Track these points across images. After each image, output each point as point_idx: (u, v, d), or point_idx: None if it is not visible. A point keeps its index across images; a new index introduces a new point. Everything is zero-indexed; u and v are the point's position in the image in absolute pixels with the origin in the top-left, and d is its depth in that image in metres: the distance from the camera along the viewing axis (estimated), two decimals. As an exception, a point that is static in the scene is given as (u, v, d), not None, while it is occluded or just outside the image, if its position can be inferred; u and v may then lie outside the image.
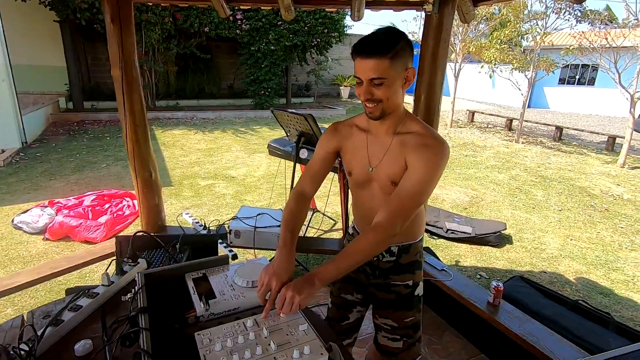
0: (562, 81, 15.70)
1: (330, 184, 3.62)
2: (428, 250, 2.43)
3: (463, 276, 2.08)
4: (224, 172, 5.20)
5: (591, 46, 7.34)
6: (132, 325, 0.88)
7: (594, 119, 13.09)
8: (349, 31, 11.29)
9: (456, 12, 2.01)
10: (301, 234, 3.12)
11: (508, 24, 8.24)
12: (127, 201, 3.78)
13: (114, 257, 2.32)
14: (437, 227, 3.60)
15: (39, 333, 0.87)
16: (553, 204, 4.52)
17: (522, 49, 8.90)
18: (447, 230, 3.54)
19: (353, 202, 1.35)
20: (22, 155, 5.45)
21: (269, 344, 0.82)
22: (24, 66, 7.82)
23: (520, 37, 9.16)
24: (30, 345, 0.82)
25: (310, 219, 3.34)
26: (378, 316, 1.34)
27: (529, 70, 8.20)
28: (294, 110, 2.49)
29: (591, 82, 15.01)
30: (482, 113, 11.74)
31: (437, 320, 2.28)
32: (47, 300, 2.36)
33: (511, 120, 9.80)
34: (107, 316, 1.03)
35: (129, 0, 1.97)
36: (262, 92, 10.28)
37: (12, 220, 3.35)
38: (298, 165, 2.71)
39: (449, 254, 3.23)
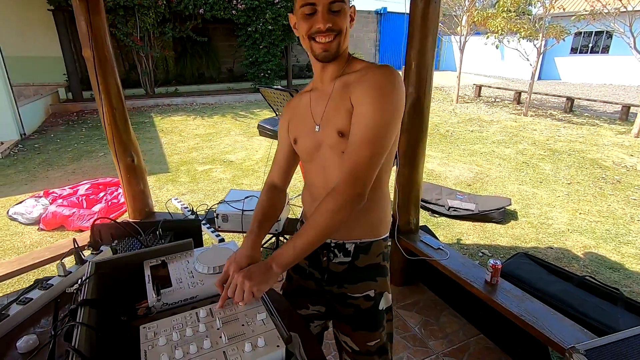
0: (574, 50, 15.05)
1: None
2: (425, 228, 2.33)
3: (460, 255, 1.98)
4: (222, 156, 5.12)
5: (605, 10, 6.92)
6: (73, 318, 0.80)
7: (608, 88, 12.58)
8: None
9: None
10: (296, 214, 3.04)
11: (515, -10, 7.80)
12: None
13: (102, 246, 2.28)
14: (439, 205, 3.48)
15: (-23, 329, 0.80)
16: (562, 178, 4.34)
17: (530, 17, 8.46)
18: (449, 207, 3.42)
19: (304, 187, 1.13)
20: (20, 147, 5.44)
21: (220, 337, 0.73)
22: (21, 58, 7.75)
23: (528, 5, 8.70)
24: (-36, 343, 0.75)
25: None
26: (339, 332, 1.11)
27: (537, 39, 7.82)
28: (279, 87, 2.36)
29: (605, 50, 14.35)
30: (489, 87, 11.36)
31: (435, 300, 2.20)
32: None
33: (519, 93, 9.45)
34: (61, 309, 0.96)
35: (94, -28, 1.84)
36: (262, 74, 10.07)
37: (8, 212, 3.34)
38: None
39: (451, 232, 3.12)
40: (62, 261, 1.06)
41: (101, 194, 3.61)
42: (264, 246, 2.65)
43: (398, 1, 14.74)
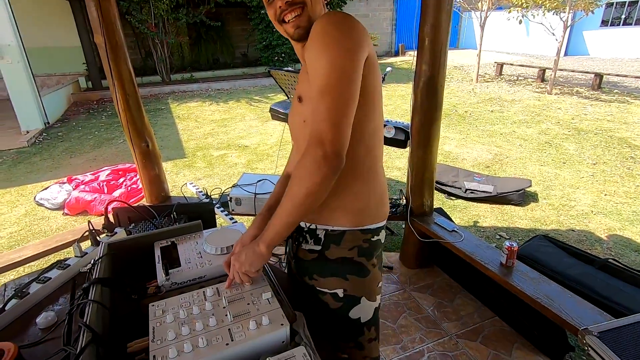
0: (605, 23, 14.15)
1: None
2: (440, 211, 2.29)
3: (475, 237, 1.94)
4: (237, 141, 5.15)
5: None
6: (86, 296, 0.83)
7: (641, 63, 11.82)
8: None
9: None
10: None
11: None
12: (141, 174, 3.82)
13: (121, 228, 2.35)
14: (455, 188, 3.41)
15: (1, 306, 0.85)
16: (587, 158, 4.16)
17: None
18: (466, 190, 3.35)
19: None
20: (44, 135, 5.63)
21: (226, 315, 0.74)
22: (41, 49, 7.93)
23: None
24: (-12, 318, 0.80)
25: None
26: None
27: (564, 12, 7.38)
28: (290, 69, 2.32)
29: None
30: (512, 65, 10.88)
31: (449, 283, 2.17)
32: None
33: (544, 71, 9.01)
34: (77, 288, 1.00)
35: (102, -43, 1.83)
36: (276, 57, 9.98)
37: (35, 197, 3.49)
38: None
39: (467, 214, 3.06)
40: (79, 243, 1.09)
41: (121, 180, 3.71)
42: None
43: (415, -23, 14.19)
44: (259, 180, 2.29)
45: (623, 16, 13.82)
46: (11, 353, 0.76)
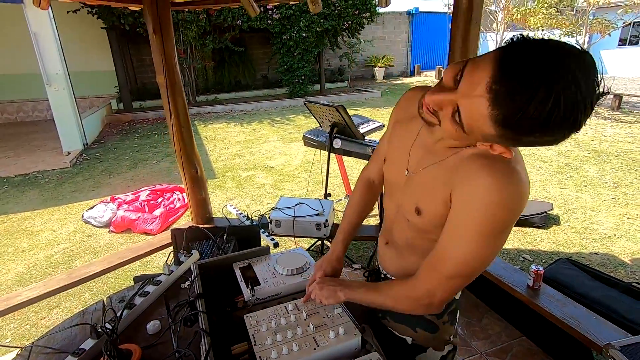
0: (623, 42, 14.16)
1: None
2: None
3: (502, 260, 2.07)
4: (263, 162, 5.40)
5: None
6: (192, 308, 1.02)
7: (661, 82, 11.74)
8: (380, 10, 10.95)
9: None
10: (338, 221, 3.22)
11: (556, -15, 7.57)
12: (177, 195, 4.09)
13: (170, 247, 2.58)
14: (478, 210, 3.53)
15: (118, 315, 1.05)
16: (608, 180, 4.22)
17: (573, 10, 8.10)
18: (488, 212, 3.46)
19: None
20: (84, 155, 6.03)
21: (308, 326, 0.92)
22: (78, 73, 8.52)
23: (570, -1, 8.38)
24: (112, 325, 0.99)
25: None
26: None
27: (580, 35, 7.53)
28: (325, 102, 2.55)
29: (658, 40, 13.40)
30: (529, 85, 10.95)
31: (476, 303, 2.29)
32: (116, 285, 2.68)
33: (562, 91, 9.06)
34: (169, 301, 1.19)
35: (168, 11, 2.12)
36: (296, 80, 10.37)
37: (82, 216, 3.78)
38: (333, 155, 2.78)
39: (490, 236, 3.17)
40: (167, 263, 1.29)
41: (159, 199, 3.97)
42: (310, 249, 2.86)
43: (430, 0, 14.56)
44: (297, 204, 2.48)
45: (641, 35, 13.81)
46: (137, 353, 0.95)
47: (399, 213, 0.92)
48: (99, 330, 1.00)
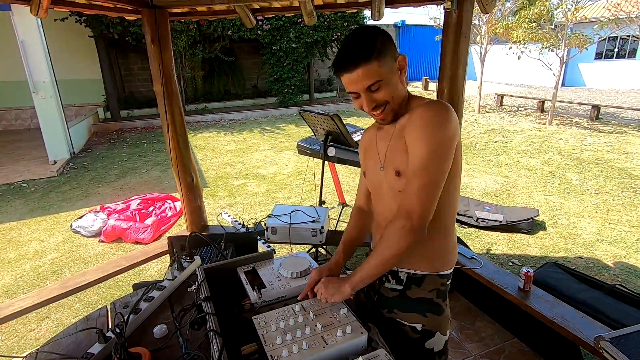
0: (599, 55, 14.80)
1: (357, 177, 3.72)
2: (457, 239, 2.49)
3: (493, 264, 2.13)
4: (254, 171, 5.41)
5: (628, 17, 6.92)
6: (199, 311, 1.04)
7: (636, 94, 12.29)
8: (369, 22, 11.19)
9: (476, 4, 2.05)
10: (332, 228, 3.26)
11: (536, 1, 7.90)
12: (169, 203, 4.06)
13: (165, 256, 2.56)
14: (467, 217, 3.61)
15: (125, 319, 1.05)
16: (589, 188, 4.38)
17: (552, 25, 8.44)
18: (478, 219, 3.55)
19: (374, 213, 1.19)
20: (71, 164, 5.93)
21: (316, 325, 0.95)
22: (64, 81, 8.41)
23: (550, 13, 8.75)
24: (120, 329, 1.00)
25: (340, 213, 3.46)
26: None
27: (560, 48, 7.85)
28: (320, 111, 2.60)
29: (632, 54, 14.05)
30: (512, 96, 11.34)
31: (469, 307, 2.35)
32: (108, 295, 2.63)
33: (543, 102, 9.42)
34: (174, 305, 1.20)
35: (166, 21, 2.15)
36: (286, 90, 10.46)
37: (71, 225, 3.71)
38: (326, 163, 2.83)
39: (480, 242, 3.26)
40: (170, 268, 1.30)
41: (150, 208, 3.94)
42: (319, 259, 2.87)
43: (416, 13, 14.95)
44: (292, 211, 2.51)
45: (616, 49, 14.47)
46: (147, 356, 0.96)
47: (388, 199, 1.05)
48: (107, 334, 1.01)
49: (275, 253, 2.54)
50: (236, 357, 0.91)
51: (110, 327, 1.14)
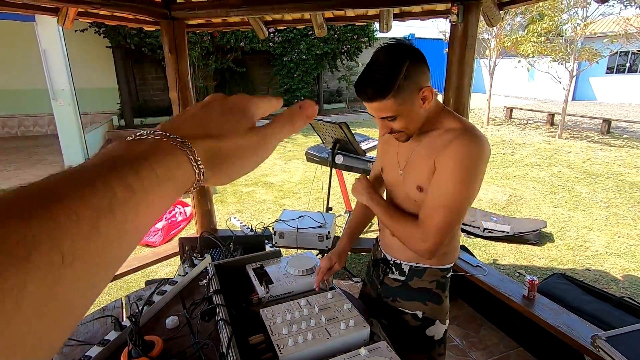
0: (610, 70, 14.73)
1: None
2: (463, 248, 2.50)
3: (498, 272, 2.14)
4: (263, 179, 5.49)
5: (638, 32, 6.93)
6: (209, 304, 1.09)
7: (648, 108, 12.17)
8: (378, 35, 11.37)
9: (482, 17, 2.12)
10: (339, 233, 3.29)
11: (545, 16, 7.96)
12: (179, 209, 4.14)
13: (175, 258, 2.63)
14: (474, 227, 3.62)
15: (139, 309, 1.11)
16: (599, 201, 4.35)
17: (563, 39, 8.45)
18: (485, 229, 3.55)
19: None
20: (86, 170, 6.08)
21: (320, 318, 0.99)
22: (82, 89, 8.69)
23: (559, 28, 8.79)
24: (134, 318, 1.05)
25: (347, 220, 3.49)
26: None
27: (569, 62, 7.87)
28: (329, 119, 2.67)
29: (644, 69, 13.96)
30: (521, 109, 11.32)
31: (473, 315, 2.35)
32: (117, 296, 2.70)
33: (553, 115, 9.39)
34: (185, 299, 1.26)
35: (183, 32, 2.26)
36: (296, 100, 10.62)
37: (84, 228, 3.81)
38: (334, 171, 2.88)
39: (487, 252, 3.25)
40: (182, 264, 1.36)
41: (161, 213, 4.02)
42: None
43: (425, 27, 15.12)
44: (300, 217, 2.56)
45: (627, 64, 14.39)
46: (160, 344, 1.01)
47: (404, 201, 1.12)
48: (122, 323, 1.06)
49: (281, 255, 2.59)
50: (244, 347, 0.96)
51: (125, 316, 1.20)
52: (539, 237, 3.40)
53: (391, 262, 1.20)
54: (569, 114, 8.58)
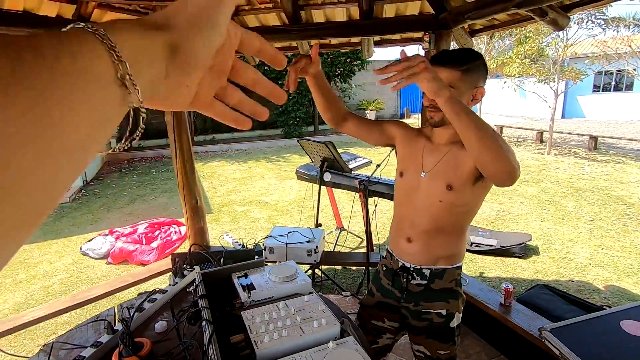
0: (597, 88, 15.19)
1: (352, 203, 3.87)
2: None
3: (478, 282, 2.23)
4: (258, 198, 5.60)
5: (616, 53, 7.26)
6: (195, 308, 1.18)
7: (635, 125, 12.50)
8: (370, 58, 11.78)
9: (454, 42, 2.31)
10: (329, 249, 3.38)
11: (527, 39, 8.34)
12: (174, 228, 4.22)
13: (168, 273, 2.70)
14: (462, 241, 3.71)
15: (130, 315, 1.20)
16: (584, 214, 4.47)
17: (550, 59, 8.80)
18: (472, 243, 3.64)
19: (393, 217, 1.34)
20: (83, 192, 6.18)
21: (296, 318, 1.09)
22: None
23: (543, 49, 9.17)
24: (126, 322, 1.14)
25: (338, 237, 3.59)
26: (413, 343, 1.34)
27: (554, 82, 8.18)
28: (316, 139, 2.82)
29: (629, 87, 14.42)
30: (511, 127, 11.60)
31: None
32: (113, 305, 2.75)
33: (542, 133, 9.64)
34: (174, 307, 1.35)
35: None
36: (291, 122, 10.88)
37: (80, 248, 3.87)
38: (323, 188, 3.01)
39: (473, 266, 3.34)
40: (172, 275, 1.46)
41: (157, 232, 4.10)
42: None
43: (419, 49, 15.65)
44: (289, 232, 2.66)
45: (613, 83, 14.86)
46: (148, 345, 1.10)
47: (424, 204, 1.20)
48: (115, 327, 1.15)
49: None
50: (226, 345, 1.05)
51: (121, 317, 1.28)
52: (524, 250, 3.49)
53: (411, 269, 1.27)
54: (557, 131, 8.82)
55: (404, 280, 1.28)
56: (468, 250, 3.59)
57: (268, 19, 2.41)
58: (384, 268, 1.41)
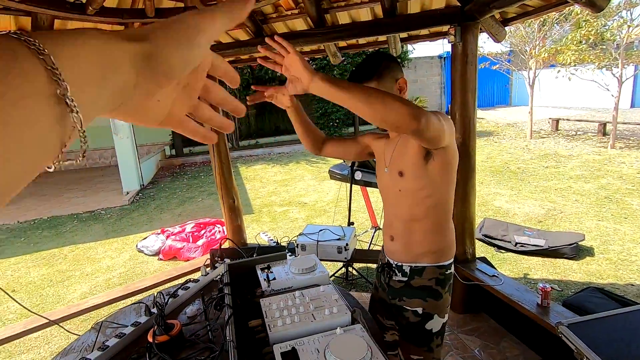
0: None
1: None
2: (483, 259, 2.50)
3: (515, 281, 2.13)
4: (297, 199, 5.75)
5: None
6: (221, 292, 1.28)
7: None
8: (411, 55, 11.54)
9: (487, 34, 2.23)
10: (364, 247, 3.39)
11: (584, 23, 7.66)
12: (218, 227, 4.48)
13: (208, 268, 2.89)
14: (505, 241, 3.53)
15: (165, 301, 1.33)
16: (652, 213, 4.02)
17: (614, 43, 7.91)
18: (517, 243, 3.45)
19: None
20: (140, 195, 6.76)
21: (310, 306, 1.14)
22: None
23: (602, 34, 8.35)
24: (161, 307, 1.28)
25: (373, 236, 3.58)
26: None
27: (617, 67, 7.42)
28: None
29: None
30: (568, 120, 10.69)
31: (496, 328, 2.31)
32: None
33: (604, 125, 8.78)
34: (205, 295, 1.47)
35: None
36: (331, 123, 10.99)
37: (136, 246, 4.26)
38: (358, 187, 3.04)
39: (518, 267, 3.16)
40: (204, 266, 1.59)
41: (202, 231, 4.38)
42: (336, 275, 3.04)
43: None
44: (321, 230, 2.73)
45: (694, 65, 13.09)
46: (178, 326, 1.22)
47: (393, 198, 1.26)
48: (152, 310, 1.29)
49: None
50: (244, 328, 1.13)
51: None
52: (576, 251, 3.24)
53: (394, 266, 1.31)
54: (624, 122, 7.99)
55: (387, 276, 1.31)
56: (511, 251, 3.40)
57: (295, 25, 2.50)
58: (379, 263, 1.45)
